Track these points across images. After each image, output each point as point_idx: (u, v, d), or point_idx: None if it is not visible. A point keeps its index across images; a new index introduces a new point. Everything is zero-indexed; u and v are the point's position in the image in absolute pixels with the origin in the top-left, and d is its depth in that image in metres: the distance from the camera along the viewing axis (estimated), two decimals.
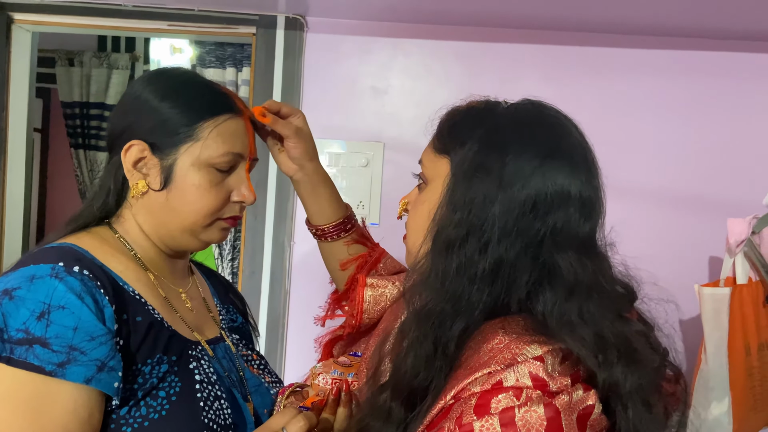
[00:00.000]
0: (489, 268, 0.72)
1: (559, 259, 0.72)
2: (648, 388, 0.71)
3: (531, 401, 0.64)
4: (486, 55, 2.05)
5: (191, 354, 0.88)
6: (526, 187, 0.73)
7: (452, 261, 0.73)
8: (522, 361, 0.67)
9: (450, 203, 0.75)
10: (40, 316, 0.74)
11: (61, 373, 0.73)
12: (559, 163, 0.74)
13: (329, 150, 2.07)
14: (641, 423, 0.70)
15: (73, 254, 0.82)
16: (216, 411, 0.85)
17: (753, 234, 1.68)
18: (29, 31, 2.21)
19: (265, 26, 2.07)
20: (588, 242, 0.75)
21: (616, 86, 2.03)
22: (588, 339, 0.69)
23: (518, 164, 0.73)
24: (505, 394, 0.65)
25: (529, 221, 0.72)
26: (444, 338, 0.72)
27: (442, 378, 0.71)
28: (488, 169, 0.74)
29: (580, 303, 0.71)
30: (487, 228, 0.72)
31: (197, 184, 0.89)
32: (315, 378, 0.94)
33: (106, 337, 0.77)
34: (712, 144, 2.01)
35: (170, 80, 0.93)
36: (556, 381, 0.67)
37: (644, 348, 0.73)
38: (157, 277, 0.92)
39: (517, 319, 0.73)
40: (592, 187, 0.77)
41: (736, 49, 2.00)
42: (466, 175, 0.75)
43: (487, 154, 0.75)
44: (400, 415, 0.72)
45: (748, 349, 1.69)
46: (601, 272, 0.75)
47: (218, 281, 1.13)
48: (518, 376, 0.66)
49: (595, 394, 0.69)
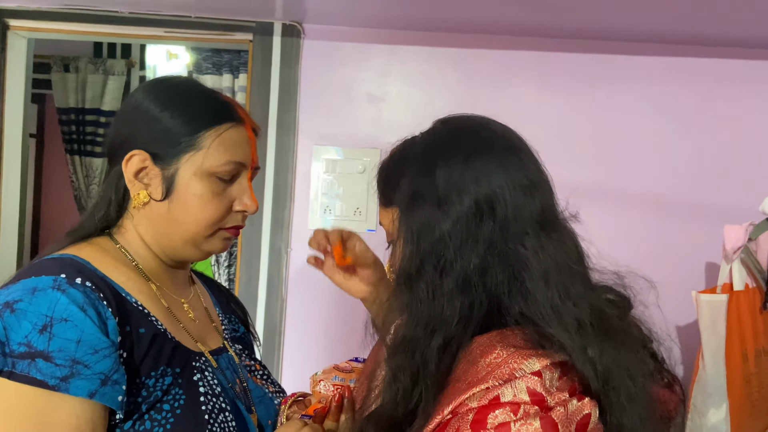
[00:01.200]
0: (456, 283, 0.72)
1: (521, 248, 0.72)
2: (631, 364, 0.71)
3: (528, 416, 0.64)
4: (482, 61, 2.05)
5: (195, 365, 0.87)
6: (463, 194, 0.73)
7: (414, 291, 0.74)
8: (520, 376, 0.67)
9: (401, 241, 0.77)
10: (42, 329, 0.73)
11: (64, 387, 0.72)
12: (483, 158, 0.75)
13: (326, 156, 2.07)
14: (625, 396, 0.69)
15: (75, 265, 0.81)
16: (221, 424, 0.84)
17: (750, 241, 1.69)
18: (25, 37, 2.21)
19: (261, 33, 2.07)
20: (544, 221, 0.75)
21: (611, 93, 2.04)
22: (572, 329, 0.69)
23: (447, 177, 0.74)
24: (502, 410, 0.65)
25: (478, 224, 0.73)
26: (421, 362, 0.72)
27: (430, 398, 0.71)
28: (423, 195, 0.75)
29: (557, 285, 0.71)
30: (440, 249, 0.73)
31: (199, 194, 0.88)
32: (316, 385, 0.93)
33: (110, 349, 0.76)
34: (708, 151, 2.02)
35: (171, 89, 0.92)
36: (554, 396, 0.66)
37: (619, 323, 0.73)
38: (159, 287, 0.91)
39: (514, 331, 0.72)
40: (524, 167, 0.77)
41: (731, 56, 2.01)
42: (407, 209, 0.77)
43: (418, 182, 0.76)
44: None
45: (746, 355, 1.69)
46: (567, 250, 0.75)
47: (219, 291, 1.12)
48: (516, 392, 0.66)
49: (590, 402, 0.69)
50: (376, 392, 0.79)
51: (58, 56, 3.27)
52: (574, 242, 0.78)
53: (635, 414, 0.70)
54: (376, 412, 0.75)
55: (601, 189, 2.03)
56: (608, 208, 2.03)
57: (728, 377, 1.66)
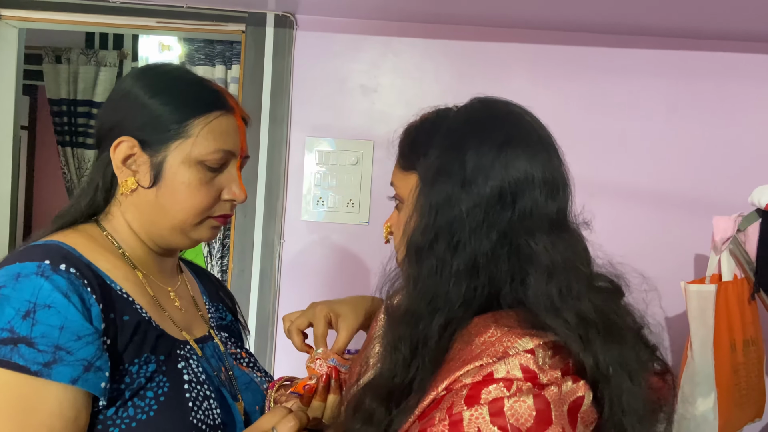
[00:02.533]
0: (465, 265, 0.73)
1: (532, 243, 0.73)
2: (630, 362, 0.72)
3: (521, 392, 0.65)
4: (476, 53, 2.06)
5: (180, 353, 0.87)
6: (489, 180, 0.74)
7: (423, 265, 0.74)
8: (514, 353, 0.68)
9: (417, 212, 0.77)
10: (25, 315, 0.73)
11: (47, 373, 0.72)
12: (516, 149, 0.75)
13: (318, 148, 2.07)
14: (626, 396, 0.70)
15: (60, 252, 0.80)
16: (205, 411, 0.84)
17: (738, 232, 1.70)
18: (16, 27, 2.19)
19: (254, 24, 2.06)
20: (558, 222, 0.76)
21: (603, 86, 2.05)
22: (571, 321, 0.70)
23: (477, 159, 0.74)
24: (495, 385, 0.66)
25: (497, 212, 0.73)
26: (422, 337, 0.73)
27: (427, 374, 0.72)
28: (449, 171, 0.75)
29: (559, 283, 0.72)
30: (456, 228, 0.73)
31: (187, 182, 0.88)
32: (312, 361, 0.93)
33: (93, 336, 0.76)
34: (698, 143, 2.03)
35: (160, 76, 0.91)
36: (547, 373, 0.68)
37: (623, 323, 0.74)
38: (146, 275, 0.91)
39: (509, 312, 0.73)
40: (553, 166, 0.78)
41: (723, 50, 2.02)
42: (430, 182, 0.77)
43: (446, 157, 0.76)
44: (382, 416, 0.73)
45: (734, 345, 1.70)
46: (574, 250, 0.76)
47: (208, 279, 1.12)
48: (509, 368, 0.67)
49: (585, 385, 0.69)
50: (372, 361, 0.80)
51: (50, 47, 3.25)
52: (583, 246, 0.79)
53: (634, 412, 0.71)
54: (373, 380, 0.76)
55: (592, 181, 2.04)
56: (599, 200, 2.04)
57: (716, 367, 1.68)
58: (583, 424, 0.69)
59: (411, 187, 0.80)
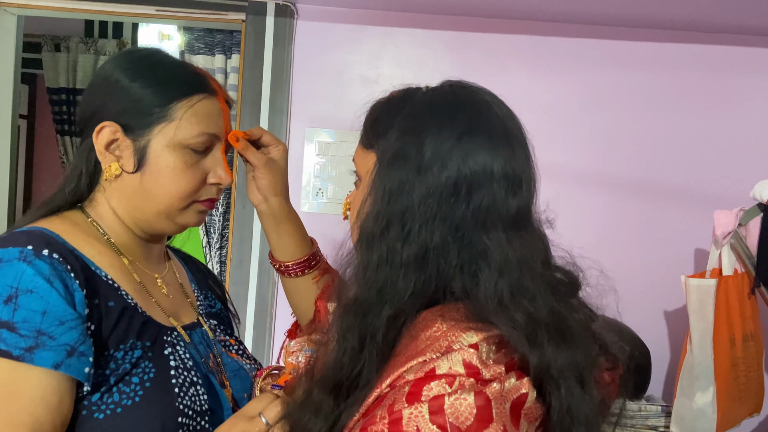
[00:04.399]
0: (413, 256, 0.70)
1: (486, 239, 0.70)
2: (582, 367, 0.69)
3: (463, 389, 0.63)
4: (476, 45, 2.04)
5: (166, 340, 0.87)
6: (445, 169, 0.71)
7: (374, 252, 0.72)
8: (458, 348, 0.66)
9: (372, 195, 0.74)
10: (7, 300, 0.72)
11: (29, 358, 0.72)
12: (477, 140, 0.72)
13: (318, 139, 2.06)
14: (574, 401, 0.68)
15: (43, 238, 0.79)
16: (192, 397, 0.83)
17: (740, 226, 1.69)
18: (14, 14, 2.18)
19: (254, 13, 2.05)
20: (518, 219, 0.73)
21: (604, 78, 2.03)
22: (520, 320, 0.67)
23: (435, 146, 0.72)
24: (437, 382, 0.64)
25: (450, 204, 0.71)
26: (371, 328, 0.71)
27: (373, 368, 0.70)
28: (405, 156, 0.72)
29: (512, 281, 0.69)
30: (408, 216, 0.71)
31: (172, 166, 0.87)
32: (289, 356, 0.94)
33: (76, 321, 0.75)
34: (699, 136, 2.02)
35: (141, 60, 0.90)
36: (490, 369, 0.65)
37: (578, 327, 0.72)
38: (132, 262, 0.90)
39: (458, 305, 0.71)
40: (516, 162, 0.74)
41: (724, 43, 2.01)
42: (386, 165, 0.74)
43: (404, 141, 0.73)
44: (329, 408, 0.71)
45: (733, 340, 1.70)
46: (533, 250, 0.73)
47: (196, 267, 1.11)
48: (451, 364, 0.65)
49: (528, 382, 0.67)
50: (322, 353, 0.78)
51: (49, 35, 3.24)
52: (543, 245, 0.76)
53: (582, 418, 0.69)
54: (322, 372, 0.74)
55: (593, 174, 2.04)
56: (599, 192, 2.04)
57: (715, 361, 1.67)
58: (527, 420, 0.67)
59: (369, 167, 0.78)
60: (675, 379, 1.77)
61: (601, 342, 0.76)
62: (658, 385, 2.03)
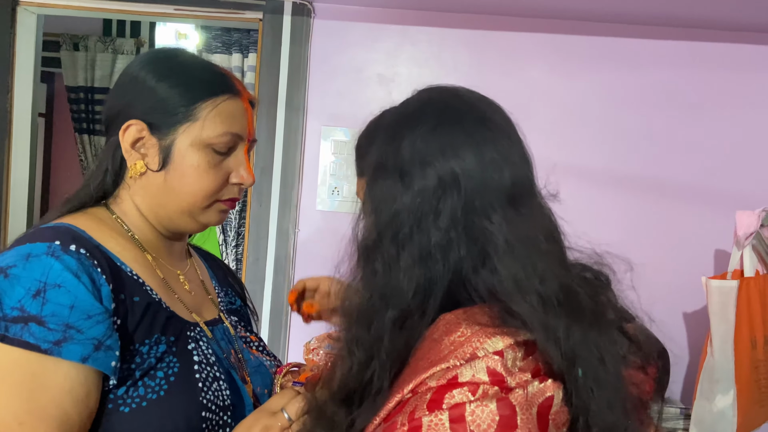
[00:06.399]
0: (412, 257, 0.70)
1: (486, 222, 0.70)
2: (599, 344, 0.68)
3: (485, 397, 0.62)
4: (493, 43, 2.03)
5: (190, 335, 0.88)
6: (427, 166, 0.71)
7: (371, 262, 0.72)
8: (482, 355, 0.64)
9: (365, 213, 0.75)
10: (35, 294, 0.73)
11: (57, 351, 0.73)
12: (450, 129, 0.72)
13: (334, 137, 2.06)
14: (592, 378, 0.66)
15: (70, 233, 0.81)
16: (214, 392, 0.84)
17: (762, 227, 1.67)
18: (34, 13, 2.20)
19: (272, 12, 2.05)
20: (514, 194, 0.72)
21: (624, 77, 2.01)
22: (535, 304, 0.66)
23: (411, 147, 0.72)
24: (460, 390, 0.63)
25: (442, 198, 0.70)
26: (376, 336, 0.70)
27: (385, 373, 0.69)
28: (386, 165, 0.72)
29: (523, 262, 0.68)
30: (400, 222, 0.70)
31: (196, 165, 0.88)
32: (309, 353, 0.94)
33: (103, 316, 0.76)
34: (722, 136, 2.00)
35: (168, 60, 0.92)
36: (515, 377, 0.64)
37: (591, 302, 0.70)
38: (155, 258, 0.92)
39: (482, 308, 0.70)
40: (495, 140, 0.73)
41: (747, 41, 1.98)
42: (371, 181, 0.74)
43: (382, 152, 0.74)
44: (343, 419, 0.71)
45: (755, 342, 1.68)
46: (536, 226, 0.72)
47: (216, 264, 1.12)
48: (474, 372, 0.63)
49: (553, 384, 0.66)
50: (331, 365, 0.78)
51: (68, 34, 3.27)
52: (548, 219, 0.74)
53: (603, 398, 0.67)
54: (332, 383, 0.73)
55: (612, 173, 2.02)
56: (618, 192, 2.01)
57: (736, 364, 1.65)
58: (555, 426, 0.65)
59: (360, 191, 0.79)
60: (694, 381, 1.75)
61: (633, 339, 0.74)
62: (677, 387, 2.01)
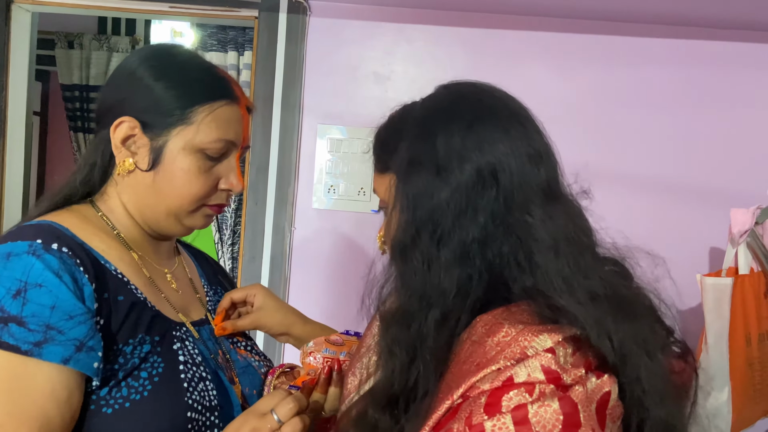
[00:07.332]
0: (453, 255, 0.69)
1: (528, 217, 0.69)
2: (646, 339, 0.67)
3: (544, 396, 0.61)
4: (490, 41, 2.03)
5: (175, 335, 0.86)
6: (465, 162, 0.70)
7: (410, 261, 0.71)
8: (533, 354, 0.63)
9: (397, 209, 0.74)
10: (16, 294, 0.72)
11: (37, 352, 0.71)
12: (486, 125, 0.72)
13: (330, 136, 2.06)
14: (644, 373, 0.66)
15: (53, 231, 0.79)
16: (201, 392, 0.83)
17: (756, 225, 1.67)
18: (29, 11, 2.19)
19: (267, 9, 2.04)
20: (550, 192, 0.72)
21: (620, 75, 2.01)
22: (584, 301, 0.66)
23: (447, 143, 0.71)
24: (516, 391, 0.62)
25: (480, 193, 0.70)
26: (418, 336, 0.69)
27: (430, 375, 0.69)
28: (422, 161, 0.72)
29: (567, 257, 0.68)
30: (438, 217, 0.70)
31: (186, 169, 0.87)
32: (306, 357, 0.92)
33: (85, 316, 0.75)
34: (716, 134, 2.00)
35: (168, 59, 0.90)
36: (570, 373, 0.63)
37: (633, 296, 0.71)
38: (141, 257, 0.90)
39: (520, 306, 0.69)
40: (530, 136, 0.74)
41: (742, 40, 1.98)
42: (404, 176, 0.73)
43: (417, 148, 0.73)
44: (387, 425, 0.70)
45: (749, 339, 1.68)
46: (574, 220, 0.72)
47: (206, 262, 1.10)
48: (530, 371, 0.62)
49: (609, 379, 0.65)
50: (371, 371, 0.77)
51: (62, 32, 3.26)
52: (580, 214, 0.75)
53: (655, 391, 0.67)
54: (373, 389, 0.73)
55: (608, 171, 2.02)
56: (615, 189, 2.01)
57: (731, 361, 1.66)
58: (612, 420, 0.65)
59: (388, 188, 0.77)
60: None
61: (668, 327, 0.74)
62: None
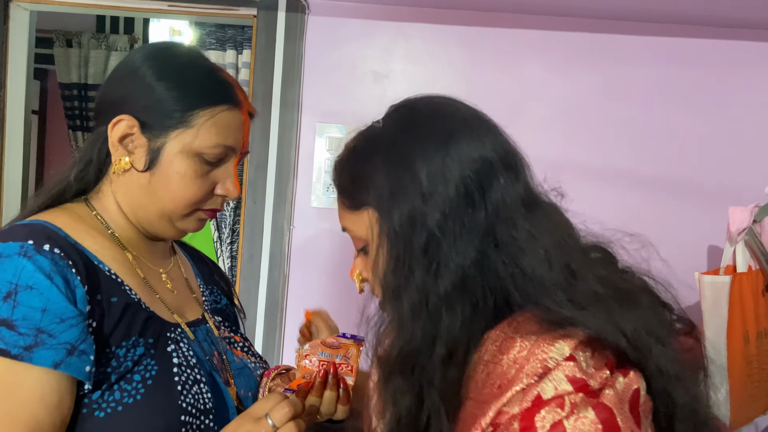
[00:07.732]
0: (452, 285, 0.66)
1: (514, 232, 0.67)
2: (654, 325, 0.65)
3: (577, 407, 0.59)
4: (488, 40, 2.03)
5: (170, 336, 0.85)
6: (449, 181, 0.67)
7: (405, 301, 0.67)
8: (554, 366, 0.61)
9: (383, 247, 0.70)
10: (6, 297, 0.70)
11: (28, 356, 0.70)
12: (462, 140, 0.69)
13: (328, 134, 2.06)
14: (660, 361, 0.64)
15: (45, 232, 0.77)
16: (195, 395, 0.82)
17: (754, 223, 1.68)
18: (27, 9, 2.19)
19: (266, 8, 2.04)
20: (530, 199, 0.70)
21: (617, 73, 2.01)
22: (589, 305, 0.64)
23: (428, 165, 0.67)
24: (547, 408, 0.59)
25: (470, 213, 0.67)
26: (424, 379, 0.66)
27: (441, 417, 0.65)
28: (404, 189, 0.68)
29: (560, 264, 0.66)
30: (431, 247, 0.66)
31: (182, 173, 0.85)
32: (302, 359, 0.91)
33: (77, 319, 0.74)
34: (714, 132, 2.00)
35: (172, 59, 0.88)
36: (595, 377, 0.61)
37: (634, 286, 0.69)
38: (136, 257, 0.89)
39: (526, 315, 0.66)
40: (503, 144, 0.72)
41: (741, 38, 1.98)
42: (387, 209, 0.69)
43: (395, 176, 0.69)
44: None
45: (747, 337, 1.68)
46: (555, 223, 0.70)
47: (202, 261, 1.09)
48: (555, 384, 0.60)
49: (635, 375, 0.63)
50: (377, 421, 0.73)
51: (61, 31, 3.25)
52: (560, 215, 0.73)
53: (676, 379, 0.65)
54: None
55: (605, 169, 2.02)
56: (612, 188, 2.02)
57: (729, 359, 1.66)
58: (645, 416, 0.63)
59: (368, 224, 0.72)
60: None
61: (667, 305, 0.72)
62: None
